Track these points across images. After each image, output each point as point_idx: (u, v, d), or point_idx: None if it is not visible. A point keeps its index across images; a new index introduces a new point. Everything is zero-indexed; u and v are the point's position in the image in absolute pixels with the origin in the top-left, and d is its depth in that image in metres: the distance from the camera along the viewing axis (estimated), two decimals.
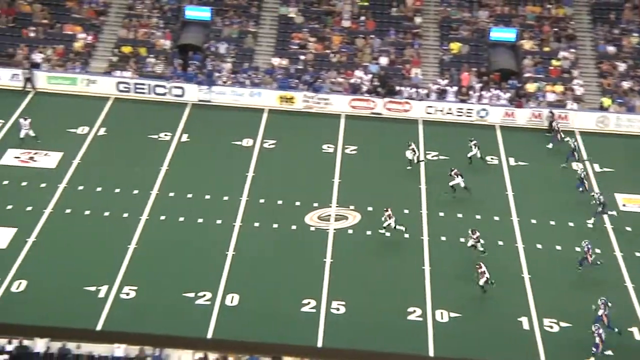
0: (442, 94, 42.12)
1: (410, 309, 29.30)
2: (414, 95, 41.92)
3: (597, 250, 31.61)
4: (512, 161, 37.67)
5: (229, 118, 40.50)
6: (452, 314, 28.98)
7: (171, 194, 34.42)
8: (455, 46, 44.54)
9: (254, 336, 27.61)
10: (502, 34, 44.36)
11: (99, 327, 27.61)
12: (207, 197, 34.25)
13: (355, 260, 31.29)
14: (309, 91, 41.94)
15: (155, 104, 41.22)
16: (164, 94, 41.57)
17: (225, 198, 34.12)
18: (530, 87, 42.55)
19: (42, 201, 33.26)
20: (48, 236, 31.63)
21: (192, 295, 29.14)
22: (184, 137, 38.48)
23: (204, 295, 29.21)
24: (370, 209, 34.13)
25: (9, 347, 25.92)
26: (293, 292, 29.54)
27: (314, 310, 28.83)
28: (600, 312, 27.75)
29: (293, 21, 45.53)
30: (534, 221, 33.54)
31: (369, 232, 32.92)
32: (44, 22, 44.49)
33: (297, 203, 34.16)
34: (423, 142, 38.68)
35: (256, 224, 33.01)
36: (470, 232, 31.34)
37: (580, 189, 34.54)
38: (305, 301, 29.15)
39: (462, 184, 34.35)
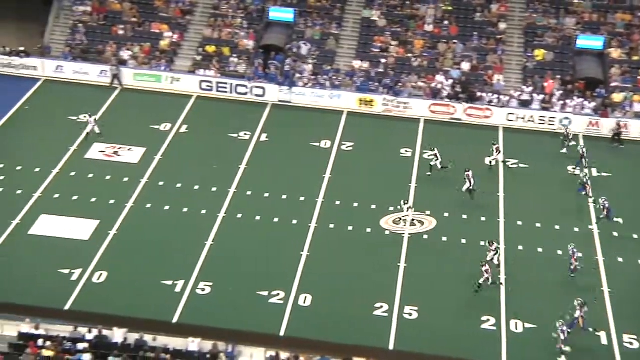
0: (526, 102, 41.49)
1: (484, 317, 28.99)
2: (495, 101, 41.43)
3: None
4: (594, 172, 36.89)
5: (308, 119, 40.78)
6: (527, 325, 28.59)
7: (248, 193, 34.89)
8: (539, 53, 43.80)
9: (325, 337, 27.75)
10: (589, 41, 43.40)
11: (174, 321, 28.20)
12: (284, 197, 34.57)
13: (429, 266, 31.12)
14: (389, 95, 41.90)
15: (236, 103, 41.83)
16: (245, 94, 42.16)
17: (302, 199, 34.38)
18: (617, 97, 41.52)
19: (124, 195, 34.15)
20: (128, 229, 32.47)
21: (265, 293, 29.48)
22: (263, 137, 38.94)
23: (278, 294, 29.52)
24: (446, 215, 33.89)
25: (89, 336, 26.73)
26: (366, 295, 29.58)
27: (386, 314, 28.80)
28: (577, 314, 27.67)
29: (375, 24, 45.56)
30: (615, 234, 32.86)
31: (444, 238, 32.69)
32: (133, 20, 45.68)
33: (373, 206, 34.18)
34: (503, 149, 38.19)
35: (331, 226, 33.17)
36: (488, 243, 30.71)
37: (583, 192, 34.27)
38: (377, 304, 29.15)
39: (468, 186, 33.84)
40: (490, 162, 36.52)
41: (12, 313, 27.28)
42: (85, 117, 37.37)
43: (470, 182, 34.12)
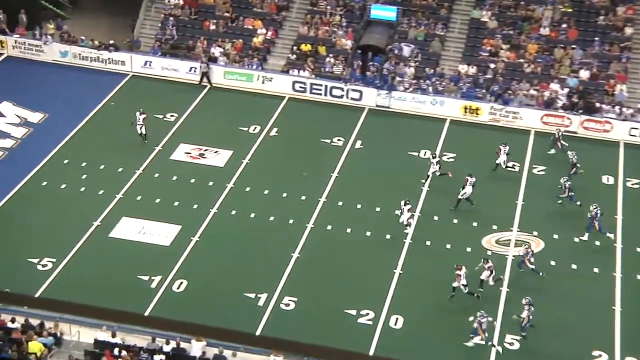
0: None
1: (595, 353, 28.26)
2: (617, 114, 40.35)
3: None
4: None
5: (407, 126, 40.70)
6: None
7: (340, 203, 35.00)
8: None
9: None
10: None
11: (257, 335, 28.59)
12: (377, 209, 34.55)
13: (535, 292, 30.52)
14: (497, 103, 41.37)
15: (330, 106, 42.09)
16: (340, 97, 42.36)
17: (397, 212, 34.33)
18: None
19: (209, 200, 34.78)
20: (211, 236, 33.04)
21: (354, 312, 29.50)
22: (358, 144, 39.03)
23: (367, 314, 29.49)
24: (555, 236, 33.19)
25: (166, 348, 27.29)
26: (460, 320, 29.23)
27: (482, 342, 28.41)
28: (524, 314, 28.42)
29: (485, 26, 45.09)
30: None
31: (552, 262, 32.01)
32: (226, 15, 46.56)
33: (474, 223, 33.79)
34: (623, 167, 37.15)
35: (427, 242, 32.97)
36: (482, 261, 30.20)
37: (560, 199, 34.35)
38: (476, 337, 28.75)
39: (466, 195, 33.90)
40: (496, 165, 36.39)
41: (90, 316, 28.13)
42: (142, 117, 37.77)
43: (468, 188, 33.88)
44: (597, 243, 32.91)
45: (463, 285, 29.79)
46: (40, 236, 32.63)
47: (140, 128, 37.99)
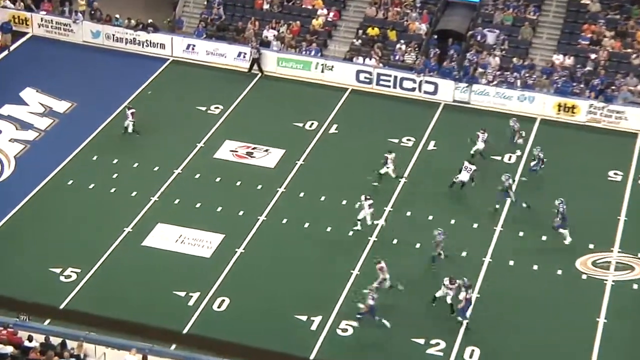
0: None
1: None
2: None
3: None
4: None
5: (489, 126, 40.43)
6: None
7: (408, 213, 35.06)
8: None
9: None
10: None
11: None
12: (452, 221, 34.48)
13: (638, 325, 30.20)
14: (598, 100, 40.99)
15: (400, 100, 42.14)
16: (412, 90, 42.39)
17: (475, 225, 34.18)
18: None
19: (257, 206, 35.10)
20: (259, 248, 33.34)
21: (421, 341, 29.52)
22: (431, 145, 39.03)
23: (437, 344, 29.51)
24: None
25: None
26: (554, 353, 29.05)
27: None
28: (461, 295, 29.65)
29: (586, 9, 44.72)
30: None
31: None
32: None
33: (566, 241, 33.57)
34: None
35: (511, 262, 32.85)
36: (447, 281, 30.27)
37: (507, 198, 34.92)
38: None
39: (464, 180, 35.46)
40: (473, 153, 37.25)
41: (118, 335, 28.59)
42: (130, 112, 38.23)
43: (467, 173, 35.27)
44: None
45: (383, 279, 30.55)
46: (63, 243, 33.31)
47: (130, 123, 38.30)
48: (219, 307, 30.81)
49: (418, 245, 33.27)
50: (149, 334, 29.03)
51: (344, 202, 35.44)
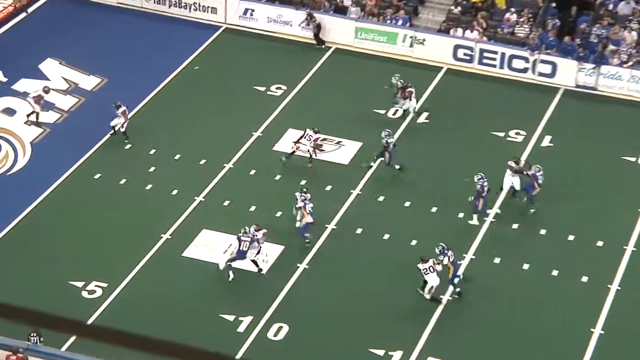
0: None
1: None
2: None
3: None
4: None
5: (621, 117, 40.06)
6: None
7: (514, 226, 34.84)
8: None
9: None
10: None
11: None
12: (570, 238, 34.30)
13: None
14: None
15: (508, 84, 41.94)
16: (524, 71, 42.14)
17: (599, 244, 33.89)
18: None
19: (329, 211, 35.15)
20: (326, 264, 33.44)
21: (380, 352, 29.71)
22: (545, 141, 38.81)
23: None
24: None
25: None
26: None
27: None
28: (445, 261, 31.75)
29: None
30: None
31: None
32: None
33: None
34: None
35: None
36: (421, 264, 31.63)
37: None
38: None
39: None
40: (404, 111, 39.26)
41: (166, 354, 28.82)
42: (121, 110, 38.11)
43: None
44: None
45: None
46: (87, 251, 33.76)
47: (119, 126, 38.12)
48: (275, 335, 30.95)
49: (526, 267, 33.11)
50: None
51: (434, 209, 35.33)
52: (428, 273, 31.51)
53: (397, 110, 39.95)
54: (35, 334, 29.24)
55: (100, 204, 35.55)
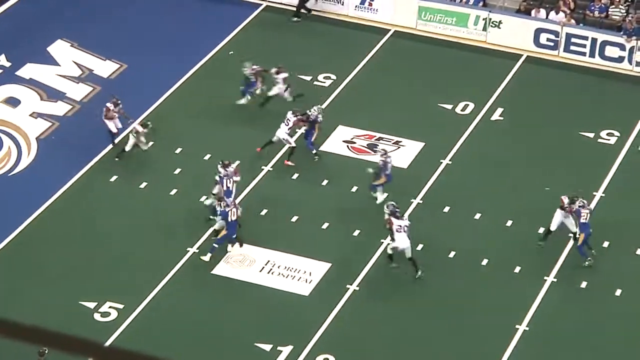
0: None
1: None
2: None
3: None
4: None
5: None
6: None
7: (605, 244, 34.94)
8: None
9: None
10: None
11: None
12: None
13: None
14: None
15: (599, 75, 41.93)
16: (619, 60, 42.07)
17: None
18: None
19: (380, 223, 34.83)
20: (381, 286, 33.64)
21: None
22: None
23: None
24: None
25: None
26: None
27: None
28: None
29: None
30: None
31: None
32: None
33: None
34: None
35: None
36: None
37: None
38: None
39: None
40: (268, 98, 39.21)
41: None
42: (116, 107, 37.93)
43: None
44: None
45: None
46: (100, 265, 34.08)
47: (116, 135, 38.00)
48: None
49: (619, 293, 33.11)
50: None
51: (509, 223, 35.43)
52: (400, 232, 32.78)
53: (466, 105, 39.93)
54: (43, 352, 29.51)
55: (116, 211, 35.86)
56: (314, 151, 37.27)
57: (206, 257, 33.75)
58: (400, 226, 33.02)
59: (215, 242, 33.75)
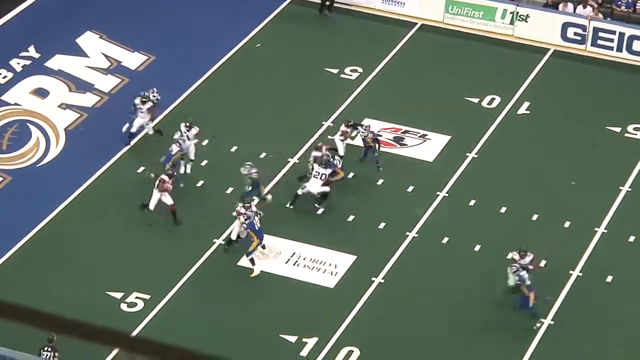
0: None
1: None
2: None
3: None
4: None
5: None
6: None
7: (631, 239, 34.91)
8: None
9: None
10: None
11: None
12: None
13: None
14: None
15: (628, 70, 41.87)
16: None
17: None
18: None
19: (406, 217, 35.45)
20: (406, 278, 33.69)
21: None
22: None
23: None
24: None
25: None
26: None
27: None
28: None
29: None
30: None
31: None
32: None
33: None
34: None
35: None
36: None
37: None
38: None
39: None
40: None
41: None
42: (152, 98, 38.00)
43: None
44: None
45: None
46: (127, 256, 34.30)
47: (147, 128, 38.21)
48: None
49: None
50: None
51: (535, 216, 35.44)
52: (317, 177, 34.67)
53: (492, 99, 39.94)
54: (49, 349, 29.57)
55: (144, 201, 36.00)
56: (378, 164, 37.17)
57: (256, 271, 33.45)
58: (319, 173, 34.49)
59: (249, 254, 33.43)
